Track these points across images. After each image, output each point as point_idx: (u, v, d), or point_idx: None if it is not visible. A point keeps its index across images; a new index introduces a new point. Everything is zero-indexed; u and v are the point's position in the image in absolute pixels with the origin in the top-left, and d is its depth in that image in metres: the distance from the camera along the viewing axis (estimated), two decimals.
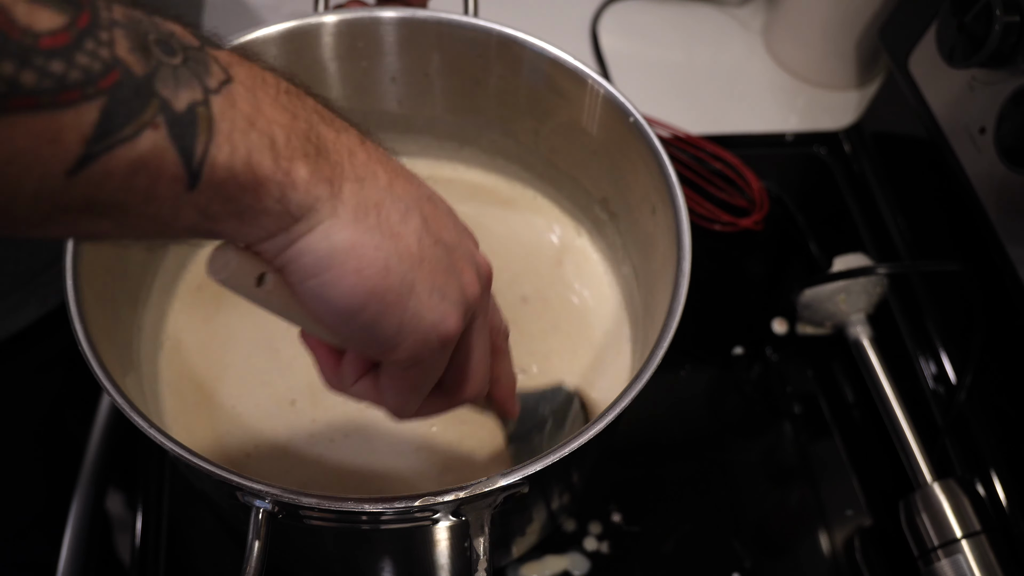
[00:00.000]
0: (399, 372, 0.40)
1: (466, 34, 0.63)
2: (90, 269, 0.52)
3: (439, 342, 0.39)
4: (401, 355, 0.39)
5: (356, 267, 0.35)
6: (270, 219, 0.33)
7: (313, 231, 0.34)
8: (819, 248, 0.82)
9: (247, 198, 0.32)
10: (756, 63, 0.98)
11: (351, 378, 0.42)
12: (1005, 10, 0.61)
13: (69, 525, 0.66)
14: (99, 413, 0.70)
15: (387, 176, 0.38)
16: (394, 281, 0.36)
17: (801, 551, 0.69)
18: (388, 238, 0.36)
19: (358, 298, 0.36)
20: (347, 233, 0.35)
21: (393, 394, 0.42)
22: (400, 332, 0.38)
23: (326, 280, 0.35)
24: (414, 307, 0.37)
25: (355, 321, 0.36)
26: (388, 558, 0.58)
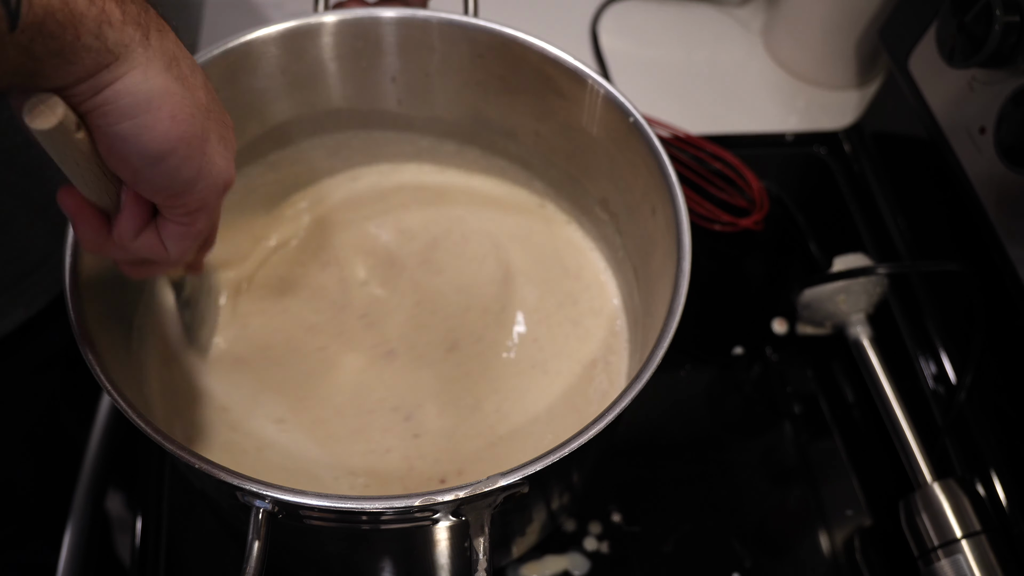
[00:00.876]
0: (186, 219, 0.43)
1: (466, 34, 0.63)
2: (89, 269, 0.52)
3: (224, 186, 0.44)
4: (193, 199, 0.42)
5: (171, 112, 0.38)
6: (90, 56, 0.35)
7: (131, 72, 0.36)
8: (819, 248, 0.82)
9: (67, 35, 0.34)
10: (756, 63, 0.98)
11: (131, 233, 0.44)
12: (1005, 10, 0.61)
13: (69, 525, 0.66)
14: (99, 413, 0.70)
15: (172, 33, 0.40)
16: (197, 128, 0.40)
17: (801, 551, 0.69)
18: (188, 89, 0.39)
19: (169, 142, 0.38)
20: (161, 80, 0.38)
21: (177, 242, 0.44)
22: (198, 177, 0.41)
23: (142, 123, 0.37)
24: (210, 153, 0.41)
25: (162, 164, 0.39)
26: (388, 558, 0.58)
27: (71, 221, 0.44)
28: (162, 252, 0.45)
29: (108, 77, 0.36)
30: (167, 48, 0.39)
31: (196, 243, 0.45)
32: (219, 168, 0.42)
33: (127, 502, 0.68)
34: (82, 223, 0.44)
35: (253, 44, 0.60)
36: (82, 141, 0.38)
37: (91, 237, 0.44)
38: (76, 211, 0.43)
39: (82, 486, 0.67)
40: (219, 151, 0.42)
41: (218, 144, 0.42)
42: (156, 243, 0.44)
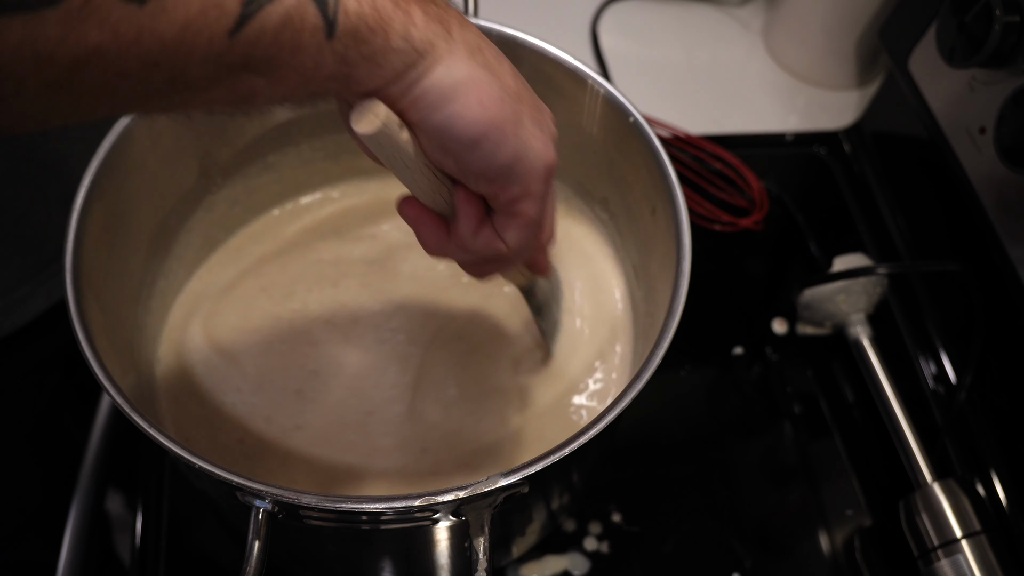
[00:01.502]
0: (515, 208, 0.43)
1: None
2: (90, 269, 0.52)
3: (546, 170, 0.44)
4: (516, 187, 0.42)
5: (477, 98, 0.39)
6: (399, 57, 0.37)
7: (436, 67, 0.38)
8: (819, 248, 0.82)
9: (378, 39, 0.36)
10: (756, 63, 0.98)
11: (470, 232, 0.44)
12: (1005, 10, 0.61)
13: (69, 525, 0.66)
14: (99, 413, 0.70)
15: (473, 26, 0.41)
16: (508, 111, 0.40)
17: (801, 551, 0.69)
18: (495, 76, 0.40)
19: (481, 126, 0.39)
20: (465, 68, 0.39)
21: (514, 233, 0.45)
22: (516, 161, 0.41)
23: (453, 111, 0.38)
24: (524, 136, 0.41)
25: (478, 150, 0.40)
26: (388, 558, 0.58)
27: (413, 228, 0.46)
28: (501, 247, 0.45)
29: (415, 74, 0.37)
30: (469, 39, 0.40)
31: (531, 233, 0.45)
32: (536, 150, 0.42)
33: (127, 502, 0.68)
34: (423, 228, 0.45)
35: None
36: (407, 141, 0.40)
37: (433, 241, 0.46)
38: (416, 218, 0.45)
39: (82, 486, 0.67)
40: (534, 133, 0.42)
41: (533, 127, 0.42)
42: (494, 238, 0.45)
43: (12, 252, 0.63)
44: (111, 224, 0.55)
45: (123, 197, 0.56)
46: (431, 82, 0.38)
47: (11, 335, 0.64)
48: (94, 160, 0.53)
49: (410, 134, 0.40)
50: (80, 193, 0.52)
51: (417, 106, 0.38)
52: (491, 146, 0.40)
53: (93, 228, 0.52)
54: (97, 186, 0.53)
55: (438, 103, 0.38)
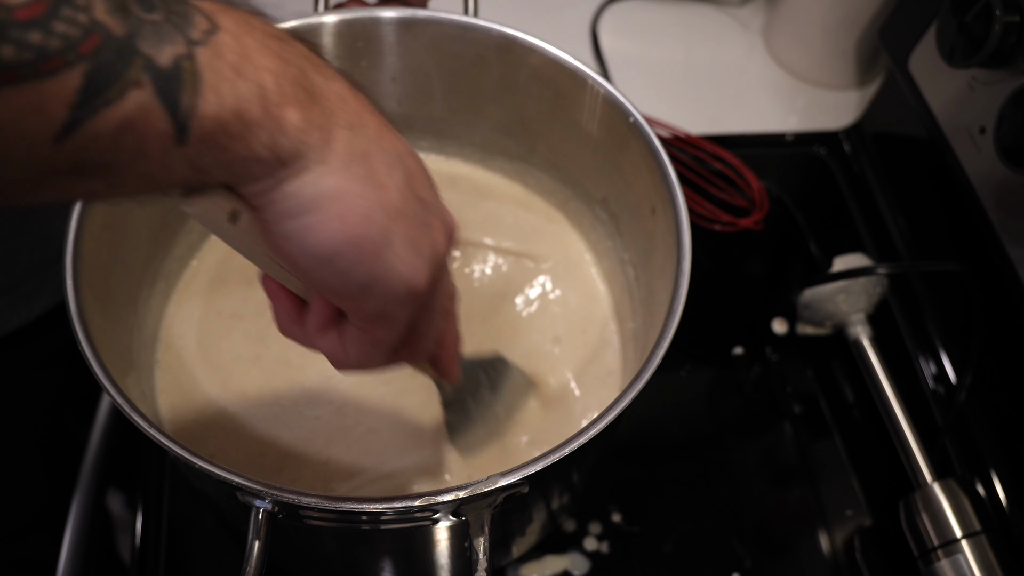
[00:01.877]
0: (365, 325, 0.40)
1: (466, 34, 0.63)
2: (90, 269, 0.52)
3: (408, 296, 0.39)
4: (369, 306, 0.39)
5: (339, 213, 0.35)
6: (259, 166, 0.33)
7: (300, 176, 0.34)
8: (819, 248, 0.82)
9: (237, 147, 0.32)
10: (756, 63, 0.98)
11: (315, 329, 0.42)
12: (1005, 10, 0.61)
13: (69, 524, 0.66)
14: (99, 413, 0.70)
15: (376, 127, 0.38)
16: (374, 231, 0.36)
17: (801, 551, 0.69)
18: (374, 188, 0.36)
19: (336, 244, 0.36)
20: (335, 180, 0.35)
21: (357, 348, 0.41)
22: (372, 282, 0.38)
23: (307, 223, 0.35)
24: (389, 258, 0.37)
25: (330, 267, 0.36)
26: (388, 558, 0.58)
27: (271, 302, 0.43)
28: (341, 355, 0.42)
29: (273, 181, 0.34)
30: (356, 146, 0.36)
31: (379, 351, 0.42)
32: (399, 274, 0.38)
33: (127, 502, 0.68)
34: (277, 305, 0.43)
35: None
36: (244, 232, 0.36)
37: (283, 321, 0.43)
38: (271, 293, 0.42)
39: (82, 485, 0.67)
40: (403, 256, 0.38)
41: (403, 248, 0.38)
42: (337, 345, 0.42)
43: (19, 249, 0.63)
44: (111, 224, 0.55)
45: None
46: (291, 190, 0.34)
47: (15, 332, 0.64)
48: None
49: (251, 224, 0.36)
50: None
51: (269, 210, 0.35)
52: (344, 265, 0.36)
53: (93, 228, 0.52)
54: None
55: (292, 212, 0.34)
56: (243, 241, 0.37)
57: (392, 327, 0.41)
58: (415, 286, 0.39)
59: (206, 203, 0.34)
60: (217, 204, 0.35)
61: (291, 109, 0.33)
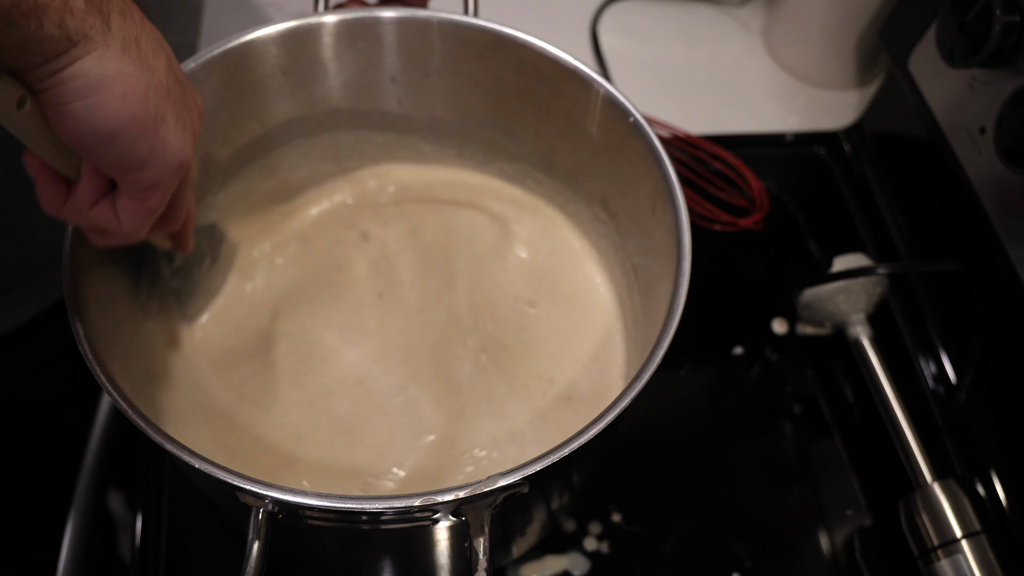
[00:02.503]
0: (140, 194, 0.44)
1: (466, 34, 0.63)
2: (90, 269, 0.52)
3: (179, 167, 0.44)
4: (147, 177, 0.43)
5: (122, 93, 0.39)
6: (51, 44, 0.36)
7: (86, 56, 0.38)
8: (819, 248, 0.82)
9: (30, 24, 0.35)
10: (756, 63, 0.98)
11: (88, 203, 0.45)
12: (1005, 10, 0.61)
13: (69, 525, 0.66)
14: (99, 413, 0.70)
15: (140, 13, 0.41)
16: (151, 109, 0.41)
17: (801, 551, 0.69)
18: (146, 71, 0.41)
19: (120, 121, 0.40)
20: (116, 62, 0.39)
21: (131, 216, 0.45)
22: (151, 155, 0.42)
23: (93, 103, 0.39)
24: (164, 134, 0.42)
25: (113, 143, 0.40)
26: (388, 558, 0.58)
27: (34, 180, 0.45)
28: (116, 224, 0.46)
29: (63, 61, 0.37)
30: (128, 31, 0.40)
31: (150, 219, 0.46)
32: (173, 148, 0.43)
33: (127, 502, 0.68)
34: (42, 186, 0.45)
35: (253, 44, 0.60)
36: (27, 116, 0.39)
37: (50, 201, 0.45)
38: (37, 173, 0.44)
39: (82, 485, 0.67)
40: (175, 131, 0.43)
41: (175, 124, 0.43)
42: (111, 215, 0.45)
43: (10, 253, 0.63)
44: None
45: None
46: (77, 71, 0.38)
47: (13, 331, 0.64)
48: None
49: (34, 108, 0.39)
50: None
51: (55, 91, 0.38)
52: (127, 141, 0.41)
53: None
54: None
55: (80, 92, 0.38)
56: (26, 127, 0.40)
57: (163, 195, 0.45)
58: (184, 157, 0.44)
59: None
60: (7, 91, 0.38)
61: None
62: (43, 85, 0.38)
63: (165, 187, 0.45)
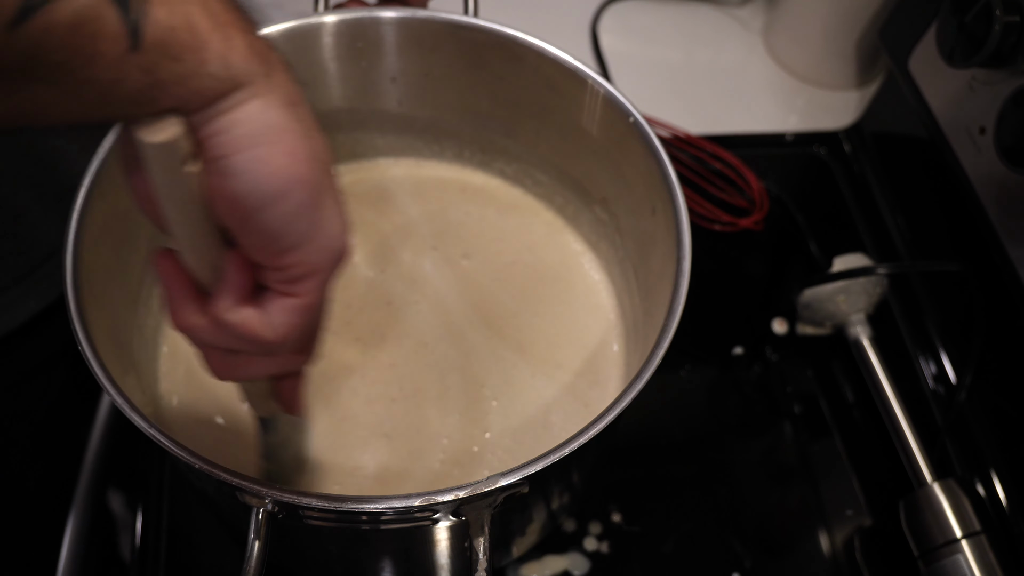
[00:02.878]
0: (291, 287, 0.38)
1: (466, 34, 0.63)
2: (90, 269, 0.52)
3: (338, 255, 0.39)
4: (304, 260, 0.37)
5: (289, 149, 0.35)
6: (214, 83, 0.33)
7: (250, 102, 0.34)
8: (819, 248, 0.82)
9: (191, 59, 0.32)
10: (756, 63, 0.98)
11: (231, 302, 0.38)
12: (1005, 10, 0.61)
13: (69, 524, 0.66)
14: (99, 413, 0.70)
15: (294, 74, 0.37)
16: (316, 175, 0.36)
17: (801, 551, 0.69)
18: (310, 136, 0.36)
19: (284, 181, 0.35)
20: (280, 114, 0.34)
21: (286, 316, 0.39)
22: (311, 232, 0.37)
23: (257, 155, 0.34)
24: (327, 210, 0.37)
25: (275, 207, 0.35)
26: (388, 558, 0.58)
27: (164, 284, 0.39)
28: (263, 333, 0.39)
29: (226, 105, 0.33)
30: (290, 90, 0.36)
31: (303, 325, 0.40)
32: (335, 230, 0.37)
33: (127, 502, 0.68)
34: (177, 291, 0.39)
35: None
36: (193, 175, 0.35)
37: (182, 308, 0.39)
38: (172, 276, 0.39)
39: (82, 485, 0.67)
40: (336, 212, 0.37)
41: (335, 205, 0.37)
42: (257, 321, 0.38)
43: (7, 251, 0.63)
44: (111, 224, 0.55)
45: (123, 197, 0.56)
46: (241, 116, 0.33)
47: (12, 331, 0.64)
48: (94, 160, 0.53)
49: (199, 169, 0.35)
50: (80, 193, 0.52)
51: (218, 141, 0.34)
52: (290, 207, 0.35)
53: (93, 228, 0.52)
54: (97, 186, 0.53)
55: (243, 142, 0.34)
56: (183, 192, 0.35)
57: (320, 291, 0.39)
58: (343, 246, 0.38)
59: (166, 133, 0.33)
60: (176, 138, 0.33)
61: (238, 33, 0.33)
62: (205, 131, 0.34)
63: (320, 279, 0.38)
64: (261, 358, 0.42)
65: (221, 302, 0.38)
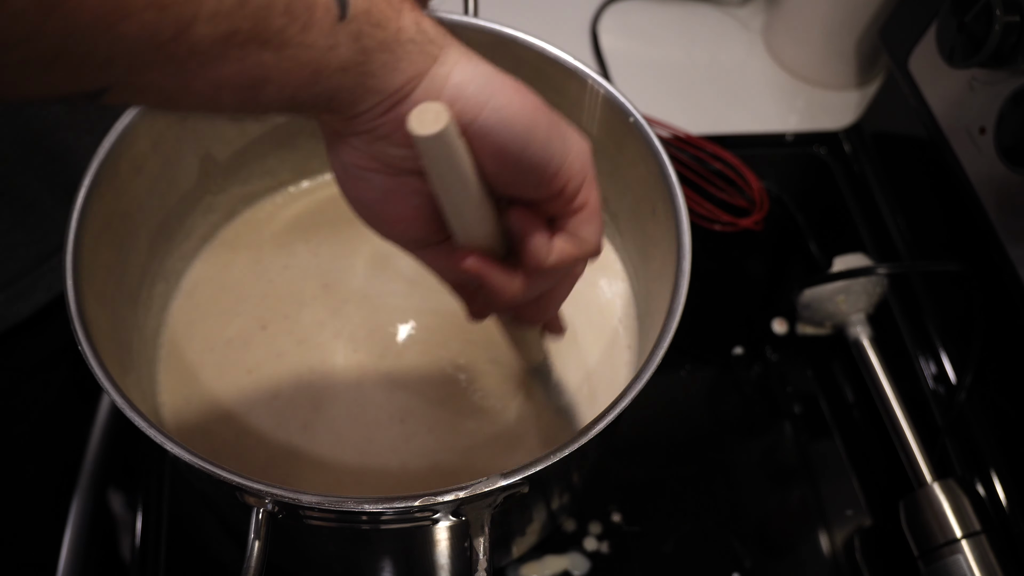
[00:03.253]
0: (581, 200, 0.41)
1: (466, 34, 0.62)
2: (90, 269, 0.52)
3: (589, 154, 0.41)
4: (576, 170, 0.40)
5: (511, 88, 0.37)
6: (417, 50, 0.35)
7: (459, 63, 0.36)
8: (819, 248, 0.82)
9: (391, 25, 0.34)
10: (756, 63, 0.98)
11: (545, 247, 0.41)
12: (1005, 10, 0.61)
13: (69, 525, 0.66)
14: (99, 413, 0.70)
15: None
16: (536, 101, 0.38)
17: (801, 551, 0.70)
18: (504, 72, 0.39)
19: (528, 116, 0.37)
20: (482, 62, 0.37)
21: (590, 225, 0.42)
22: (565, 145, 0.39)
23: (497, 104, 0.36)
24: (562, 122, 0.40)
25: (532, 143, 0.37)
26: (388, 558, 0.58)
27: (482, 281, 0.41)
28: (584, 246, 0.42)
29: (442, 71, 0.36)
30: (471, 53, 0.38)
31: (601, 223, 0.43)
32: (577, 136, 0.41)
33: (127, 502, 0.68)
34: (493, 276, 0.41)
35: None
36: (466, 147, 0.36)
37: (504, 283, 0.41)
38: (483, 266, 0.41)
39: (82, 485, 0.67)
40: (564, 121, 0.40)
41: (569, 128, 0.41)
42: (570, 245, 0.42)
43: (18, 242, 0.63)
44: (111, 223, 0.55)
45: (123, 197, 0.56)
46: (463, 78, 0.36)
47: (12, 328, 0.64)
48: (94, 160, 0.53)
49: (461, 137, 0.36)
50: (80, 193, 0.52)
51: (460, 108, 0.36)
52: (543, 133, 0.38)
53: (93, 227, 0.52)
54: (97, 186, 0.53)
55: (479, 99, 0.36)
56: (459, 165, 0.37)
57: (595, 187, 0.42)
58: (588, 145, 0.41)
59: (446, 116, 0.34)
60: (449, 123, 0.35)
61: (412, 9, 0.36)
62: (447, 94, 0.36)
63: (592, 176, 0.41)
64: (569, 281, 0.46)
65: (536, 251, 0.41)
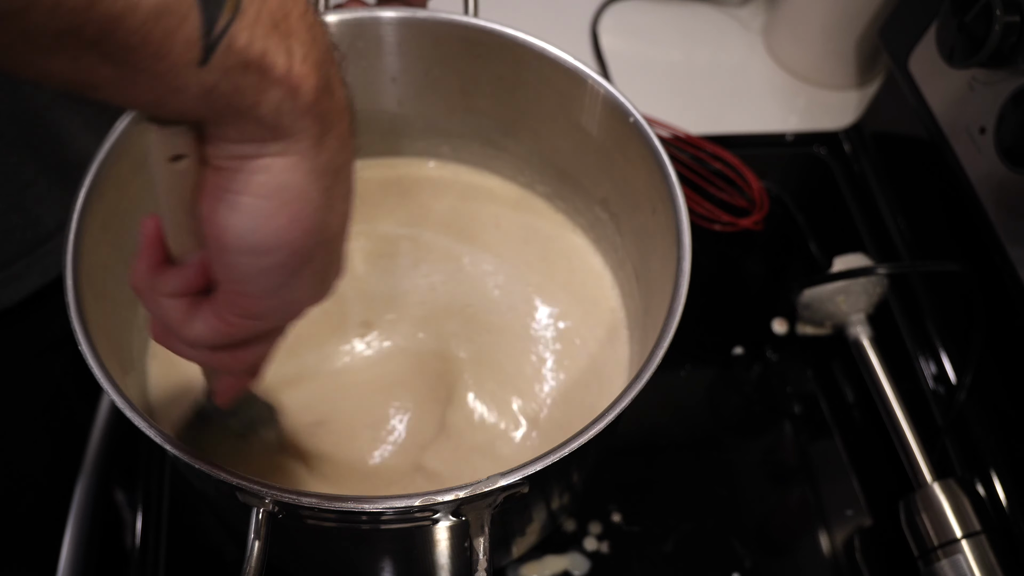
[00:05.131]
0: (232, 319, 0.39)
1: (466, 34, 0.62)
2: (90, 268, 0.52)
3: (292, 317, 0.40)
4: (256, 307, 0.38)
5: (295, 215, 0.34)
6: (257, 126, 0.32)
7: (282, 157, 0.33)
8: (819, 248, 0.82)
9: (248, 93, 0.31)
10: (756, 63, 0.98)
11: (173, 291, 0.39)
12: (1005, 10, 0.61)
13: (70, 521, 0.66)
14: (100, 408, 0.70)
15: (352, 153, 0.37)
16: (307, 246, 0.36)
17: (801, 551, 0.70)
18: (327, 207, 0.36)
19: (276, 241, 0.35)
20: (305, 179, 0.34)
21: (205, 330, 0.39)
22: (277, 290, 0.37)
23: (262, 207, 0.34)
24: (303, 278, 0.37)
25: (254, 258, 0.35)
26: (388, 558, 0.58)
27: (142, 245, 0.40)
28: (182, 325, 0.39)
29: (260, 150, 0.33)
30: (337, 161, 0.35)
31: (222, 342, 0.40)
32: (301, 297, 0.38)
33: (127, 501, 0.68)
34: (146, 252, 0.39)
35: None
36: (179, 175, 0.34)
37: (141, 272, 0.40)
38: (149, 240, 0.39)
39: (83, 483, 0.67)
40: (311, 282, 0.38)
41: (314, 276, 0.38)
42: (182, 315, 0.39)
43: (14, 225, 0.62)
44: (111, 224, 0.55)
45: (123, 197, 0.56)
46: (265, 165, 0.33)
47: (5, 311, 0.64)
48: (94, 160, 0.53)
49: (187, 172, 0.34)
50: (80, 193, 0.52)
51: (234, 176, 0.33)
52: (269, 263, 0.35)
53: (93, 227, 0.52)
54: (97, 186, 0.53)
55: (259, 189, 0.33)
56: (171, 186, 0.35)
57: (252, 332, 0.40)
58: (299, 313, 0.40)
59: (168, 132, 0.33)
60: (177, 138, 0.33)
61: (309, 86, 0.32)
62: (224, 162, 0.33)
63: (263, 327, 0.39)
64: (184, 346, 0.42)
65: (166, 284, 0.39)
